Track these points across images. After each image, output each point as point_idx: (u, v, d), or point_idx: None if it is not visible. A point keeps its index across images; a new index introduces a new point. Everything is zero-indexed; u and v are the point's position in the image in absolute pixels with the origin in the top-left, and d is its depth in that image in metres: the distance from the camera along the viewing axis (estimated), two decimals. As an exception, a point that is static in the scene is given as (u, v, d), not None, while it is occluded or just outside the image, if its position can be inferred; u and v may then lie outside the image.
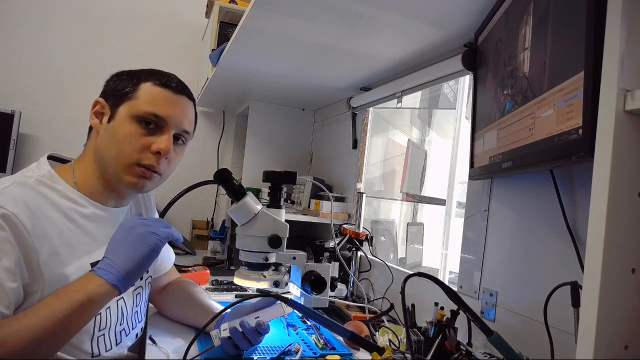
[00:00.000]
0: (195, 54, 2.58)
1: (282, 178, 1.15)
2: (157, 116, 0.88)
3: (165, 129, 0.89)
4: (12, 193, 0.76)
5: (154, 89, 0.89)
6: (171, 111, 0.89)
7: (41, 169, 0.86)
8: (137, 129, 0.87)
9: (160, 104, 0.88)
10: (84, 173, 0.89)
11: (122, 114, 0.87)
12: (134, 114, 0.87)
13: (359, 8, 1.06)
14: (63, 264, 0.79)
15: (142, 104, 0.87)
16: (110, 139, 0.87)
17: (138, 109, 0.87)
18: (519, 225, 1.01)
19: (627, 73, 0.51)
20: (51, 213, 0.80)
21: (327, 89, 1.89)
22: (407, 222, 2.29)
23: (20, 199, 0.76)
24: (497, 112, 0.95)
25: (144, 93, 0.88)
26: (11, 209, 0.73)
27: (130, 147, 0.86)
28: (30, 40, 2.33)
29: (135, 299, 0.99)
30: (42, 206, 0.79)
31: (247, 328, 0.90)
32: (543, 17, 0.76)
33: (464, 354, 0.85)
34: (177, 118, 0.90)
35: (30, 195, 0.78)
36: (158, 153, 0.88)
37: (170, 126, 0.90)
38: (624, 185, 0.51)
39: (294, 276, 1.31)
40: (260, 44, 1.39)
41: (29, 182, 0.80)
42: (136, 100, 0.87)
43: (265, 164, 2.26)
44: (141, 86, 0.88)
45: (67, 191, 0.85)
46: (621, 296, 0.51)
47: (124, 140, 0.86)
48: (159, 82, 0.89)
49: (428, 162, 2.27)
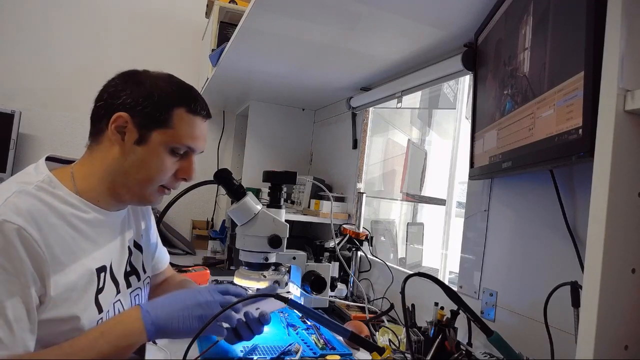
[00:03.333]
0: (195, 54, 2.58)
1: (282, 178, 1.15)
2: (191, 147, 0.90)
3: (191, 155, 0.92)
4: (16, 204, 0.74)
5: (188, 118, 0.88)
6: (202, 142, 0.92)
7: (40, 174, 0.84)
8: (171, 159, 0.88)
9: (195, 137, 0.90)
10: (89, 181, 0.87)
11: (157, 142, 0.86)
12: (172, 145, 0.87)
13: (359, 8, 1.06)
14: (66, 271, 0.79)
15: (180, 136, 0.87)
16: (139, 162, 0.86)
17: (176, 141, 0.87)
18: (519, 225, 1.01)
19: (627, 73, 0.51)
20: (53, 221, 0.79)
21: (327, 89, 1.89)
22: (407, 222, 2.29)
23: (25, 209, 0.74)
24: (497, 112, 0.95)
25: (179, 122, 0.87)
26: (19, 222, 0.72)
27: (161, 176, 0.89)
28: (30, 40, 2.33)
29: (133, 300, 0.98)
30: (45, 214, 0.78)
31: (251, 318, 0.91)
32: (543, 17, 0.76)
33: (464, 354, 0.85)
34: (203, 145, 0.93)
35: (33, 204, 0.77)
36: (184, 179, 0.92)
37: (196, 152, 0.93)
38: (624, 185, 0.51)
39: (294, 276, 1.31)
40: (260, 44, 1.39)
41: (29, 190, 0.79)
42: (172, 130, 0.86)
43: (265, 164, 2.26)
44: (175, 113, 0.87)
45: (68, 196, 0.84)
46: (621, 296, 0.51)
47: (156, 170, 0.87)
48: (191, 109, 0.89)
49: (428, 162, 2.27)
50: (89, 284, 0.84)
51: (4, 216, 0.71)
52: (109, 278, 0.91)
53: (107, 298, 0.89)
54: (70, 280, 0.79)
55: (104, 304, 0.87)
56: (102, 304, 0.87)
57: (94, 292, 0.85)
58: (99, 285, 0.86)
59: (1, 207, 0.72)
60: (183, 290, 0.94)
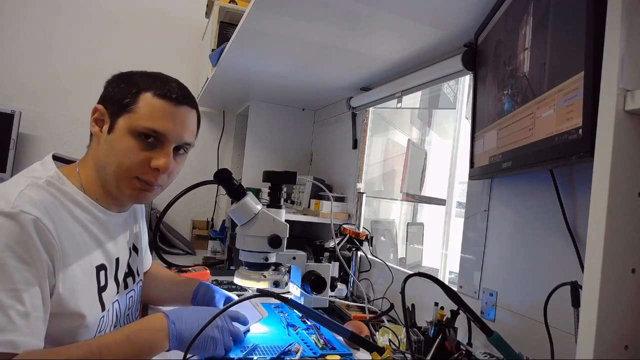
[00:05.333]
0: (195, 54, 2.58)
1: (282, 178, 1.15)
2: (157, 132, 0.85)
3: (165, 144, 0.86)
4: (30, 196, 0.75)
5: (153, 101, 0.85)
6: (171, 126, 0.86)
7: (48, 170, 0.85)
8: (136, 143, 0.84)
9: (160, 119, 0.84)
10: (89, 178, 0.89)
11: (121, 127, 0.84)
12: (133, 129, 0.84)
13: (359, 8, 1.06)
14: (73, 266, 0.80)
15: (141, 118, 0.84)
16: (109, 151, 0.85)
17: (137, 124, 0.83)
18: (519, 225, 1.01)
19: (627, 73, 0.51)
20: (63, 215, 0.80)
21: (327, 89, 1.89)
22: (407, 222, 2.29)
23: (39, 201, 0.75)
24: (497, 112, 0.95)
25: (144, 106, 0.84)
26: (35, 213, 0.72)
27: (129, 162, 0.84)
28: (31, 40, 2.33)
29: (127, 301, 1.00)
30: (56, 208, 0.79)
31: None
32: (543, 17, 0.76)
33: (464, 354, 0.85)
34: (177, 132, 0.87)
35: (46, 197, 0.78)
36: (157, 169, 0.86)
37: (170, 141, 0.87)
38: (624, 185, 0.51)
39: (294, 276, 1.31)
40: (260, 44, 1.39)
41: (41, 184, 0.80)
42: (135, 113, 0.84)
43: (265, 164, 2.26)
44: (141, 97, 0.84)
45: (75, 194, 0.85)
46: (621, 296, 0.51)
47: (122, 155, 0.84)
48: (159, 93, 0.85)
49: (428, 162, 2.27)
50: (91, 281, 0.85)
51: (21, 207, 0.72)
52: (112, 277, 0.92)
53: (109, 297, 0.90)
54: (76, 275, 0.80)
55: (107, 302, 0.88)
56: (105, 302, 0.88)
57: (96, 289, 0.86)
58: (101, 283, 0.87)
59: (17, 199, 0.73)
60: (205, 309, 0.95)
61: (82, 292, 0.81)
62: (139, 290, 1.08)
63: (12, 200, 0.72)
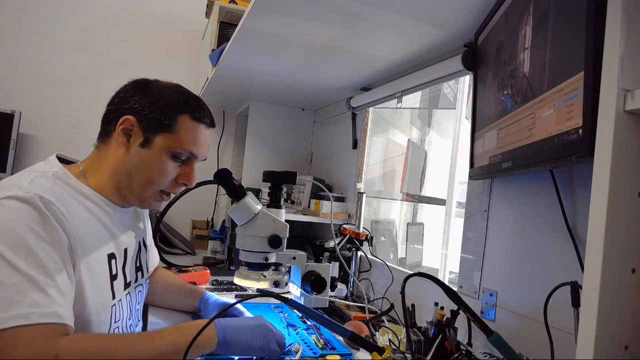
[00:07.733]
0: (195, 54, 2.58)
1: (282, 178, 1.15)
2: (193, 154, 0.93)
3: (193, 161, 0.95)
4: (42, 183, 0.77)
5: (191, 125, 0.91)
6: (204, 149, 0.95)
7: (53, 167, 0.87)
8: (172, 164, 0.91)
9: (197, 143, 0.92)
10: (97, 178, 0.91)
11: (159, 146, 0.89)
12: (173, 150, 0.90)
13: (359, 8, 1.06)
14: (85, 252, 0.81)
15: (182, 141, 0.90)
16: (142, 165, 0.89)
17: (178, 146, 0.90)
18: (519, 225, 1.01)
19: (627, 73, 0.51)
20: (72, 203, 0.82)
21: (327, 89, 1.89)
22: (407, 222, 2.29)
23: (49, 189, 0.77)
24: (497, 112, 0.95)
25: (183, 128, 0.90)
26: (49, 197, 0.75)
27: (162, 179, 0.91)
28: (31, 41, 2.33)
29: (137, 295, 1.02)
30: (65, 196, 0.81)
31: None
32: (543, 17, 0.76)
33: (464, 354, 0.85)
34: (205, 152, 0.96)
35: (55, 186, 0.80)
36: (183, 184, 0.95)
37: (198, 159, 0.96)
38: (624, 185, 0.51)
39: (294, 276, 1.31)
40: (260, 44, 1.39)
41: (48, 176, 0.82)
42: (175, 135, 0.90)
43: (265, 164, 2.26)
44: (179, 119, 0.90)
45: (81, 187, 0.87)
46: (621, 296, 0.51)
47: (157, 172, 0.90)
48: (196, 117, 0.92)
49: (428, 162, 2.27)
50: (103, 268, 0.87)
51: (35, 191, 0.74)
52: (121, 268, 0.94)
53: (119, 286, 0.92)
54: (90, 261, 0.82)
55: (117, 291, 0.90)
56: (116, 292, 0.89)
57: (108, 277, 0.88)
58: (113, 271, 0.89)
59: (30, 186, 0.75)
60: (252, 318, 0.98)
61: (96, 278, 0.83)
62: (146, 286, 1.10)
63: (25, 186, 0.75)
